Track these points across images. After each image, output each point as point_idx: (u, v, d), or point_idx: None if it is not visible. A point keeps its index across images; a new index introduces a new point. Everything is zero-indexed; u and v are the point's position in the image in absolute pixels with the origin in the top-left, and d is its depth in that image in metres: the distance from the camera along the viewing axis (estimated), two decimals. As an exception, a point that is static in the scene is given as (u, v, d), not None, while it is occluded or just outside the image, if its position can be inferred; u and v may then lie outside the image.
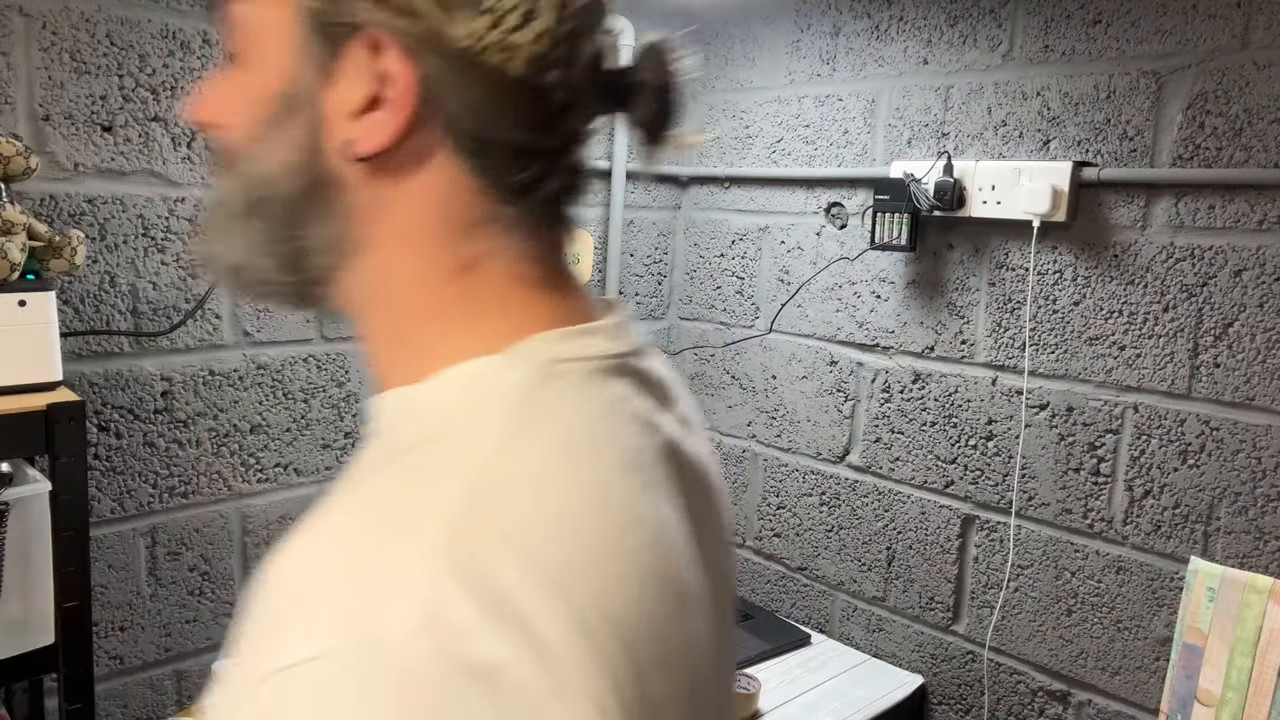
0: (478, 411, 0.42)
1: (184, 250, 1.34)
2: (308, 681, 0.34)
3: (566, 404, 0.43)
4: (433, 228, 0.46)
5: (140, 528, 1.36)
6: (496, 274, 0.46)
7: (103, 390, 1.29)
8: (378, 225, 0.46)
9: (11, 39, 1.16)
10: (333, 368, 1.52)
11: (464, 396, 0.43)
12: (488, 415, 0.42)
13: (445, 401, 0.43)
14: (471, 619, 0.34)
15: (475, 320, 0.46)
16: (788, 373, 1.83)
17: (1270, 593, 1.21)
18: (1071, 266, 1.42)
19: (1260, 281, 1.25)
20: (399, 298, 0.47)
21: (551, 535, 0.38)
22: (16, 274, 1.05)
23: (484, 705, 0.34)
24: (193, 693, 1.45)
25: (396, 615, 0.34)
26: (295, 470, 1.50)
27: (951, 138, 1.55)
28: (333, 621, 0.35)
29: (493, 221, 0.46)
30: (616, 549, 0.40)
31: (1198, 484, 1.32)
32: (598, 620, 0.37)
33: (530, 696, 0.34)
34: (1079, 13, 1.39)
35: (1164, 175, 1.31)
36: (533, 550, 0.37)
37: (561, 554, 0.38)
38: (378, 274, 0.47)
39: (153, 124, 1.29)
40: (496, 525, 0.37)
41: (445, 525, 0.37)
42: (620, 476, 0.43)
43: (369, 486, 0.41)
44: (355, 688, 0.33)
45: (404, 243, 0.46)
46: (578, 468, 0.41)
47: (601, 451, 0.43)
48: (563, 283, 0.50)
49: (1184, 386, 1.33)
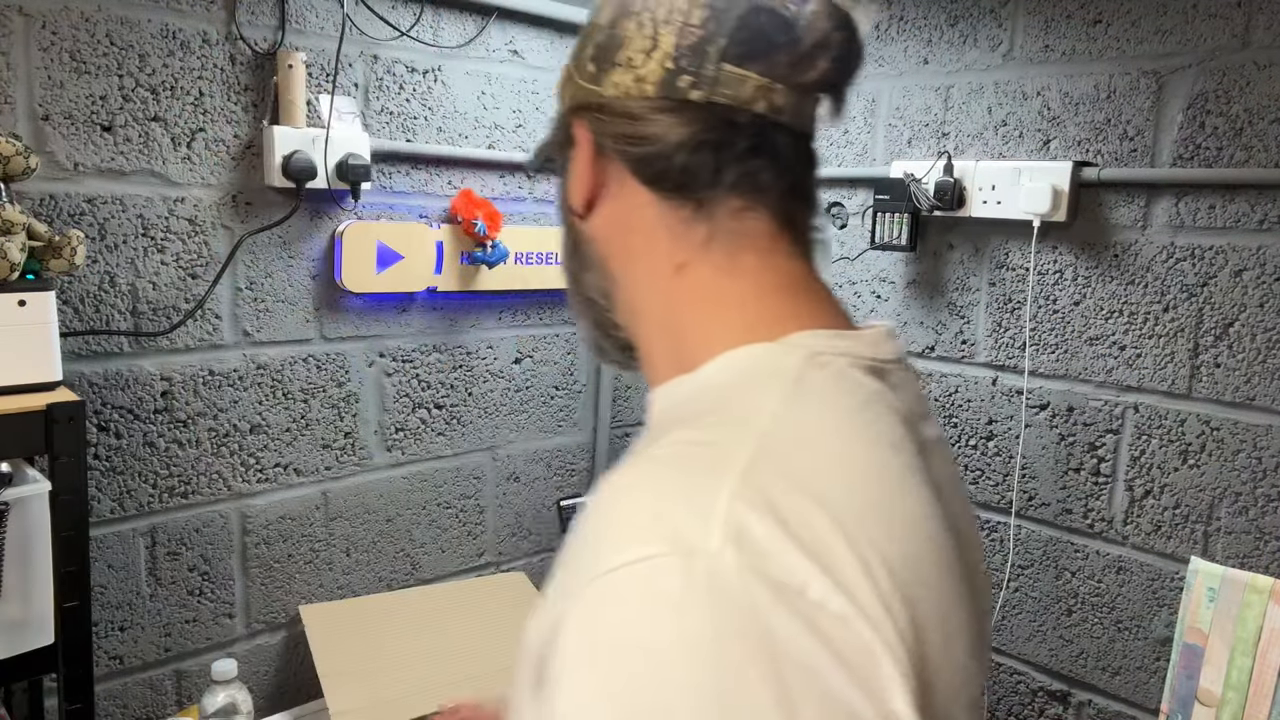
0: (757, 386, 0.50)
1: (184, 250, 1.34)
2: (636, 578, 0.41)
3: (831, 388, 0.50)
4: (645, 244, 0.57)
5: (140, 528, 1.36)
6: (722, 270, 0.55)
7: (103, 390, 1.29)
8: (616, 259, 0.59)
9: (11, 39, 1.16)
10: (332, 368, 1.52)
11: (744, 375, 0.51)
12: (766, 389, 0.49)
13: (728, 379, 0.52)
14: (770, 541, 0.41)
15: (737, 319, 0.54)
16: (788, 373, 1.83)
17: (1271, 593, 1.21)
18: (1072, 266, 1.42)
19: (1260, 281, 1.25)
20: (650, 308, 0.58)
21: (835, 485, 0.44)
22: (16, 274, 1.05)
23: (785, 613, 0.39)
24: (192, 693, 1.45)
25: (708, 532, 0.41)
26: (295, 470, 1.50)
27: (951, 138, 1.55)
28: (653, 536, 0.42)
29: (687, 225, 0.55)
30: (892, 509, 0.46)
31: (1198, 484, 1.32)
32: (879, 565, 0.42)
33: (830, 613, 0.40)
34: (1079, 13, 1.39)
35: (1164, 175, 1.31)
36: (819, 494, 0.43)
37: (844, 501, 0.44)
38: (631, 297, 0.59)
39: (153, 124, 1.28)
40: (785, 471, 0.44)
41: (740, 468, 0.43)
42: (888, 453, 0.49)
43: (670, 440, 0.48)
44: (677, 582, 0.40)
45: (634, 264, 0.58)
46: (850, 438, 0.48)
47: (867, 430, 0.49)
48: (817, 293, 0.57)
49: (1184, 386, 1.33)
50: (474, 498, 1.75)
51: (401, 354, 1.60)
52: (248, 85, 1.35)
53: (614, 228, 0.58)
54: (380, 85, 1.49)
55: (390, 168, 1.53)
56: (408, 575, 1.68)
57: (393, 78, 1.50)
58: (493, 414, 1.75)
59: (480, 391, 1.72)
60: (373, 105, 1.49)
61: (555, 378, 1.84)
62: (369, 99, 1.49)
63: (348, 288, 1.48)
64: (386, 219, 1.53)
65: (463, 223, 1.58)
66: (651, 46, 0.53)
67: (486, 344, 1.72)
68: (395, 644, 1.50)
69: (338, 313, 1.51)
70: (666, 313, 0.56)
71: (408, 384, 1.62)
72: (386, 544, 1.64)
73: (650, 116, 0.54)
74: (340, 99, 1.43)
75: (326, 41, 1.41)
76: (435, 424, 1.67)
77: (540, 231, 1.72)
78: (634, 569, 0.41)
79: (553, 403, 1.85)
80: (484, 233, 1.57)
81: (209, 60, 1.31)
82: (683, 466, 0.46)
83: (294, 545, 1.52)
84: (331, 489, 1.55)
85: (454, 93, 1.58)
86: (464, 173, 1.62)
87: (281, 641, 1.54)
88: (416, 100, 1.54)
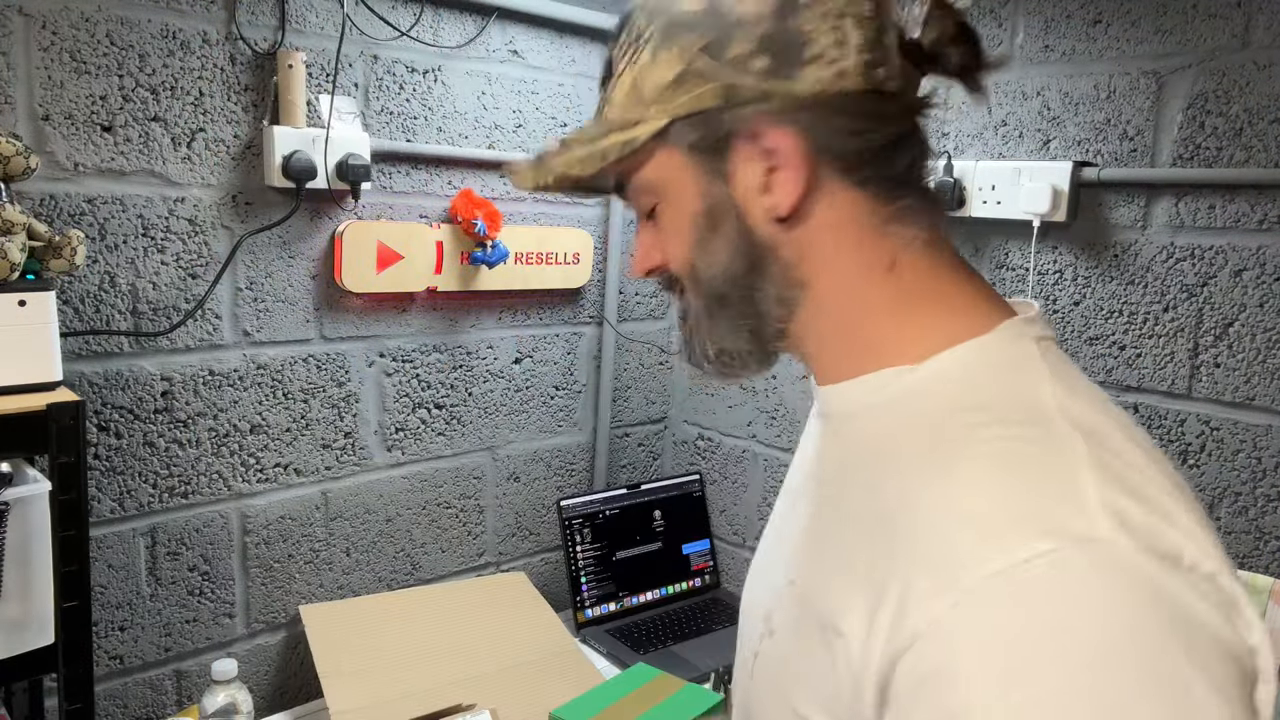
0: (1022, 376, 0.52)
1: (184, 250, 1.34)
2: (1044, 573, 0.43)
3: (1064, 370, 0.54)
4: (851, 244, 0.56)
5: (140, 528, 1.36)
6: (919, 261, 0.56)
7: (103, 390, 1.29)
8: (811, 263, 0.57)
9: (11, 39, 1.16)
10: (332, 368, 1.52)
11: (989, 367, 0.53)
12: (1033, 378, 0.52)
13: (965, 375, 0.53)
14: (1144, 520, 0.45)
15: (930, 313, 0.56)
16: (788, 373, 1.83)
17: (1270, 593, 1.21)
18: (1071, 266, 1.42)
19: (1260, 281, 1.25)
20: (846, 309, 0.57)
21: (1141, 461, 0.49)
22: (16, 274, 1.05)
23: (1178, 578, 0.44)
24: (193, 693, 1.45)
25: (1094, 522, 0.44)
26: (295, 470, 1.50)
27: (951, 137, 1.55)
28: (1037, 531, 0.44)
29: (894, 219, 0.56)
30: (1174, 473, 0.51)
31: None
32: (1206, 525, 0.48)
33: (1202, 574, 0.44)
34: (1079, 13, 1.39)
35: (1164, 175, 1.31)
36: (1143, 471, 0.48)
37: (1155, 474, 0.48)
38: (825, 300, 0.57)
39: (153, 124, 1.29)
40: (1114, 456, 0.48)
41: (1086, 460, 0.47)
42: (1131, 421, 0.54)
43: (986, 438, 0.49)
44: (1089, 571, 0.43)
45: (836, 266, 0.56)
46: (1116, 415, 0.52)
47: (1111, 405, 0.54)
48: (982, 279, 0.59)
49: (1184, 386, 1.33)
50: (474, 498, 1.75)
51: (401, 354, 1.60)
52: (248, 85, 1.35)
53: (817, 231, 0.56)
54: (380, 85, 1.49)
55: (390, 168, 1.53)
56: (408, 575, 1.68)
57: (393, 78, 1.50)
58: (493, 414, 1.75)
59: (480, 391, 1.72)
60: (373, 105, 1.49)
61: (555, 378, 1.84)
62: (369, 99, 1.49)
63: (348, 288, 1.48)
64: (386, 219, 1.53)
65: (463, 223, 1.58)
66: (843, 39, 0.52)
67: (486, 344, 1.72)
68: (395, 644, 1.50)
69: (338, 313, 1.51)
70: (870, 309, 0.57)
71: (408, 384, 1.62)
72: (386, 544, 1.64)
73: (866, 111, 0.54)
74: (340, 99, 1.44)
75: (326, 41, 1.41)
76: (435, 424, 1.67)
77: (540, 231, 1.72)
78: (1033, 564, 0.43)
79: (553, 403, 1.85)
80: (484, 233, 1.57)
81: (209, 60, 1.31)
82: (1026, 462, 0.48)
83: (294, 545, 1.52)
84: (331, 489, 1.55)
85: (454, 93, 1.58)
86: (464, 173, 1.62)
87: (281, 641, 1.54)
88: (416, 100, 1.54)
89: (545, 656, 1.55)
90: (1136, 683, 0.41)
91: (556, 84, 1.72)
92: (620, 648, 1.67)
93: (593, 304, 1.88)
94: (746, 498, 1.93)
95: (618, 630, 1.72)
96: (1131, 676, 0.41)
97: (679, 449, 2.09)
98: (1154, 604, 0.42)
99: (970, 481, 0.48)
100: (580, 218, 1.82)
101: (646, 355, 2.02)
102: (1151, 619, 0.42)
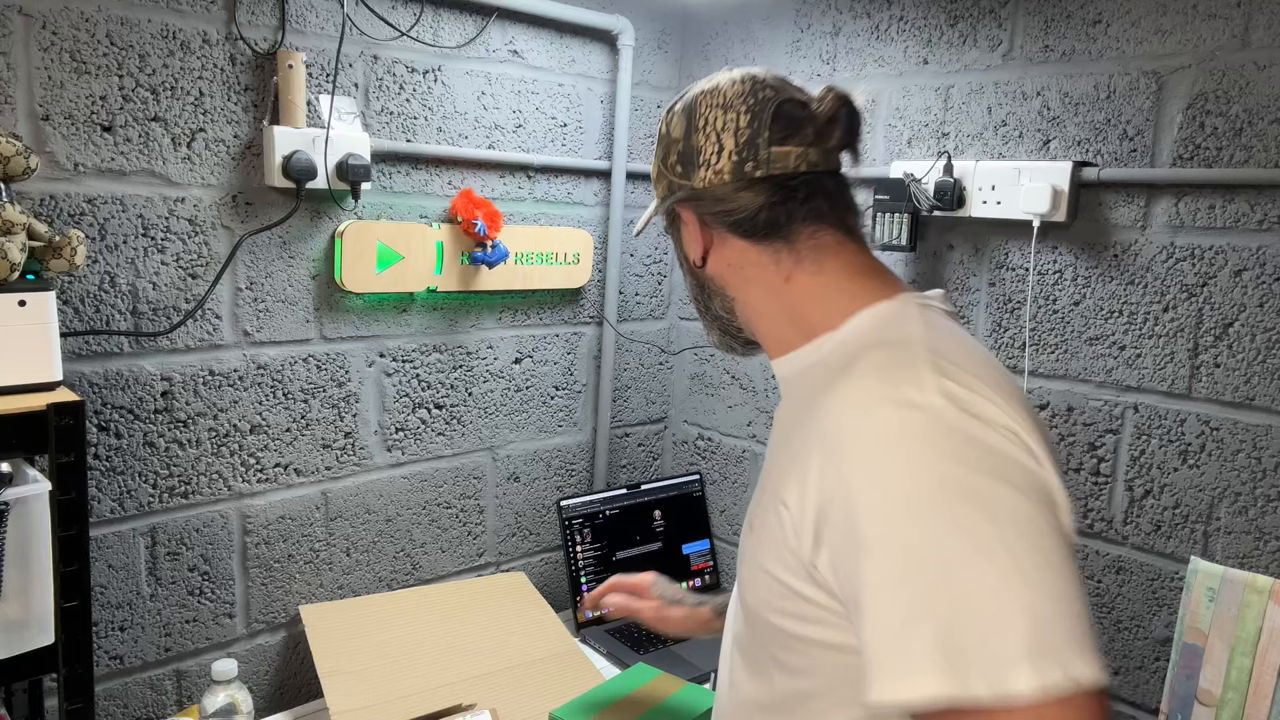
0: (899, 323, 0.75)
1: (184, 250, 1.34)
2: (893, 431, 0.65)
3: (940, 321, 0.76)
4: (752, 271, 0.82)
5: (140, 528, 1.36)
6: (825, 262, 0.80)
7: (103, 390, 1.29)
8: (731, 287, 0.85)
9: (11, 39, 1.16)
10: (332, 368, 1.52)
11: (884, 319, 0.76)
12: (907, 323, 0.74)
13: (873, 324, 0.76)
14: (967, 397, 0.66)
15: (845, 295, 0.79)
16: (788, 373, 1.83)
17: (1270, 593, 1.21)
18: (1071, 266, 1.42)
19: (1260, 281, 1.25)
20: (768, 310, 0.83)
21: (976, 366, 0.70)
22: (16, 274, 1.05)
23: (991, 433, 0.64)
24: (193, 693, 1.45)
25: (929, 395, 0.65)
26: (295, 470, 1.50)
27: (951, 138, 1.55)
28: (893, 401, 0.66)
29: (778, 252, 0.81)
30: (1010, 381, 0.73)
31: (1198, 484, 1.32)
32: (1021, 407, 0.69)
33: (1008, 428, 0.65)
34: (1079, 13, 1.39)
35: (1164, 175, 1.31)
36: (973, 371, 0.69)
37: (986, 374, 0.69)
38: (750, 307, 0.85)
39: (153, 124, 1.29)
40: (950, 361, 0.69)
41: (928, 361, 0.68)
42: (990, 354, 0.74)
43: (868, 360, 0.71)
44: (925, 425, 0.64)
45: (748, 286, 0.84)
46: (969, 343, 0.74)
47: (972, 341, 0.76)
48: (887, 271, 0.83)
49: (1184, 386, 1.33)
50: (474, 498, 1.75)
51: (401, 354, 1.60)
52: (248, 85, 1.35)
53: (727, 267, 0.84)
54: (380, 85, 1.49)
55: (390, 168, 1.53)
56: (408, 575, 1.68)
57: (393, 78, 1.50)
58: (493, 414, 1.75)
59: (480, 391, 1.72)
60: (373, 105, 1.49)
61: (555, 378, 1.84)
62: (369, 99, 1.49)
63: (348, 288, 1.48)
64: (386, 219, 1.53)
65: (463, 223, 1.58)
66: (719, 149, 0.80)
67: (486, 344, 1.72)
68: (395, 644, 1.50)
69: (338, 313, 1.51)
70: (786, 308, 0.81)
71: (408, 384, 1.62)
72: (386, 544, 1.64)
73: (732, 196, 0.80)
74: (340, 99, 1.44)
75: (326, 41, 1.41)
76: (435, 424, 1.67)
77: (540, 231, 1.72)
78: (888, 416, 0.65)
79: (553, 403, 1.85)
80: (484, 233, 1.58)
81: (209, 60, 1.31)
82: (889, 367, 0.69)
83: (294, 545, 1.52)
84: (331, 489, 1.55)
85: (454, 93, 1.58)
86: (464, 173, 1.62)
87: (281, 641, 1.54)
88: (416, 100, 1.54)
89: (545, 656, 1.55)
90: (959, 492, 0.61)
91: (556, 84, 1.72)
92: (620, 648, 1.67)
93: (593, 304, 1.88)
94: (746, 498, 1.93)
95: (618, 630, 1.73)
96: (954, 490, 0.61)
97: (679, 449, 2.09)
98: (968, 443, 0.63)
99: (855, 382, 0.69)
100: (580, 218, 1.82)
101: (646, 355, 2.02)
102: (969, 451, 0.63)
